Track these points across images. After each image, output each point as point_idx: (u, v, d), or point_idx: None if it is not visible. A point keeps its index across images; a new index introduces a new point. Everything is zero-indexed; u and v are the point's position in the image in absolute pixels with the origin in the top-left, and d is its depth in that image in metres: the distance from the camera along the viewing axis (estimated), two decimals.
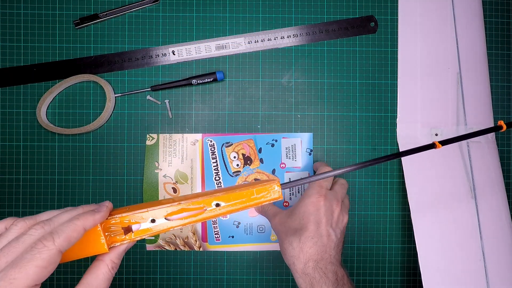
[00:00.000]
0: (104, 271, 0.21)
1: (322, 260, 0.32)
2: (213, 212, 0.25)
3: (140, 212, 0.23)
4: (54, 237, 0.18)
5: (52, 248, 0.17)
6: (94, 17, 0.43)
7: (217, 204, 0.24)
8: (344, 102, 0.45)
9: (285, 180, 0.44)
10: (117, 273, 0.44)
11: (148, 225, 0.23)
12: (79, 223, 0.19)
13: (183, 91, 0.45)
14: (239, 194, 0.25)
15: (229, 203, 0.25)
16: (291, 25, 0.45)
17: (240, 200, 0.25)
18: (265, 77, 0.45)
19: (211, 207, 0.24)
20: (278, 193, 0.26)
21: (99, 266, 0.21)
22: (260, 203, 0.26)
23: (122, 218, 0.23)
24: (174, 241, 0.44)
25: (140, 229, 0.23)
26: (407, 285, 0.45)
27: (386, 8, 0.45)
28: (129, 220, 0.23)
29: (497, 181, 0.44)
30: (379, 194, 0.45)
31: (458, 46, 0.45)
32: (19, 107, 0.44)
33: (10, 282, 0.16)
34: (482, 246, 0.42)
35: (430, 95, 0.45)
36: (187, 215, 0.24)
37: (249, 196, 0.25)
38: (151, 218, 0.23)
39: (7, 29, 0.44)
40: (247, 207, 0.25)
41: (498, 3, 0.46)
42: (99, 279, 0.20)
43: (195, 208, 0.24)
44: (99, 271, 0.21)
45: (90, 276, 0.20)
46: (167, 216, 0.24)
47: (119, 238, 0.23)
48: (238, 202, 0.25)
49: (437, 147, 0.31)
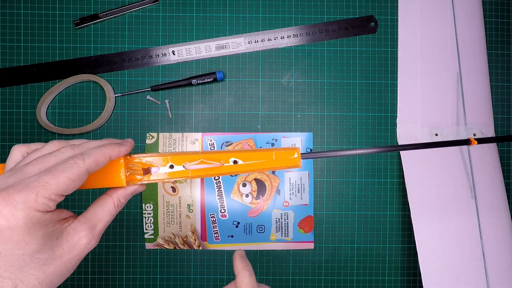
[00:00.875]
0: (110, 206, 0.22)
1: None
2: (230, 168, 0.25)
3: (162, 156, 0.24)
4: (84, 157, 0.20)
5: (82, 166, 0.19)
6: (94, 17, 0.44)
7: (235, 161, 0.25)
8: (344, 102, 0.45)
9: (285, 180, 0.44)
10: (117, 272, 0.44)
11: (166, 170, 0.24)
12: (106, 151, 0.21)
13: (183, 91, 0.45)
14: (258, 155, 0.25)
15: (247, 162, 0.25)
16: (291, 25, 0.45)
17: (258, 161, 0.25)
18: (265, 77, 0.45)
19: (229, 163, 0.25)
20: (296, 160, 0.25)
21: (106, 200, 0.22)
22: (277, 167, 0.25)
23: (143, 158, 0.24)
24: (173, 240, 0.44)
25: (158, 172, 0.24)
26: (407, 285, 0.45)
27: (386, 8, 0.45)
28: (150, 162, 0.24)
29: (497, 181, 0.44)
30: (379, 194, 0.45)
31: (458, 46, 0.45)
32: (19, 107, 0.44)
33: (43, 185, 0.17)
34: (482, 246, 0.42)
35: (430, 95, 0.45)
36: (205, 167, 0.25)
37: (268, 159, 0.25)
38: (170, 164, 0.24)
39: (7, 29, 0.44)
40: (264, 169, 0.25)
41: (498, 3, 0.46)
42: (104, 211, 0.22)
43: (213, 163, 0.25)
44: (106, 204, 0.22)
45: (97, 207, 0.22)
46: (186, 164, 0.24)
47: (138, 177, 0.24)
48: (255, 163, 0.25)
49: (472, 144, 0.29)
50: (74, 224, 0.20)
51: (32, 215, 0.17)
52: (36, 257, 0.18)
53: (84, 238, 0.20)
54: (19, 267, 0.17)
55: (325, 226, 0.45)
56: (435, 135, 0.45)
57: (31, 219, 0.17)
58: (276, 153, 0.25)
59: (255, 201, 0.44)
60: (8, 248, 0.17)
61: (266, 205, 0.44)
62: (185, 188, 0.44)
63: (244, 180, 0.44)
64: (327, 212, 0.45)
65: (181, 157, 0.24)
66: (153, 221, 0.44)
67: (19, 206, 0.16)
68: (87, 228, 0.20)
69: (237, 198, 0.44)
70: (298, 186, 0.45)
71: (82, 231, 0.20)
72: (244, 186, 0.44)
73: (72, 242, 0.19)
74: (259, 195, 0.44)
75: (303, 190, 0.45)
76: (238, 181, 0.44)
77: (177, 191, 0.44)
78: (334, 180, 0.45)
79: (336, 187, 0.45)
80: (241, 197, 0.44)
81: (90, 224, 0.20)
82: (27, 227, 0.17)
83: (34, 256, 0.17)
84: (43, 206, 0.17)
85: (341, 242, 0.45)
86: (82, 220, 0.20)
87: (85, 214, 0.21)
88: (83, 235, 0.20)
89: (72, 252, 0.19)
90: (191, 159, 0.24)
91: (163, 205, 0.44)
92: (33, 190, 0.17)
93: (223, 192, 0.44)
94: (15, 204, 0.16)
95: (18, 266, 0.17)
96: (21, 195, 0.17)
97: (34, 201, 0.17)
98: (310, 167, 0.45)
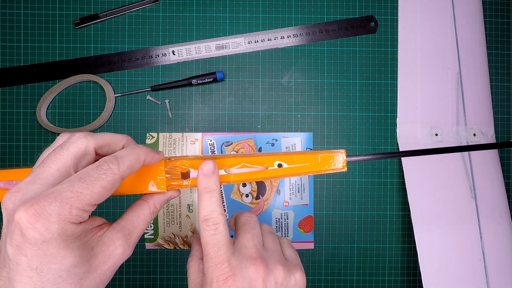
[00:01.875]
0: (146, 212, 0.21)
1: None
2: (275, 172, 0.24)
3: (203, 159, 0.23)
4: (119, 162, 0.18)
5: (117, 172, 0.18)
6: (94, 17, 0.44)
7: (279, 164, 0.24)
8: (344, 102, 0.45)
9: (285, 180, 0.44)
10: (117, 272, 0.44)
11: None
12: (142, 153, 0.20)
13: (183, 91, 0.45)
14: (303, 157, 0.24)
15: (292, 166, 0.24)
16: (291, 25, 0.45)
17: (303, 165, 0.24)
18: (265, 77, 0.45)
19: (273, 166, 0.24)
20: (342, 163, 0.24)
21: (142, 206, 0.21)
22: (323, 171, 0.24)
23: (182, 162, 0.22)
24: (173, 240, 0.44)
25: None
26: (407, 285, 0.45)
27: (386, 8, 0.45)
28: (189, 165, 0.22)
29: (497, 181, 0.44)
30: (379, 194, 0.45)
31: (458, 46, 0.45)
32: (19, 107, 0.44)
33: (77, 195, 0.16)
34: (482, 246, 0.42)
35: (430, 95, 0.45)
36: (247, 171, 0.23)
37: (313, 162, 0.24)
38: None
39: (7, 29, 0.44)
40: (309, 173, 0.24)
41: (498, 3, 0.46)
42: (140, 218, 0.20)
43: (256, 165, 0.23)
44: (141, 211, 0.21)
45: (133, 214, 0.20)
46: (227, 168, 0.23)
47: (176, 183, 0.22)
48: (301, 167, 0.24)
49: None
50: (109, 232, 0.19)
51: (66, 227, 0.16)
52: (73, 272, 0.16)
53: (120, 248, 0.19)
54: (56, 283, 0.16)
55: (325, 226, 0.45)
56: (435, 135, 0.45)
57: (66, 232, 0.16)
58: (322, 156, 0.24)
59: (255, 201, 0.44)
60: (44, 262, 0.16)
61: (266, 205, 0.44)
62: (185, 189, 0.44)
63: None
64: (327, 212, 0.45)
65: (222, 161, 0.23)
66: (153, 221, 0.44)
67: (52, 219, 0.15)
68: (123, 237, 0.19)
69: (237, 198, 0.44)
70: (298, 186, 0.45)
71: (117, 240, 0.19)
72: (244, 186, 0.44)
73: (108, 252, 0.18)
74: (259, 195, 0.44)
75: (303, 190, 0.45)
76: None
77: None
78: (334, 180, 0.45)
79: (336, 187, 0.45)
80: (241, 197, 0.44)
81: (126, 233, 0.19)
82: (62, 240, 0.16)
83: (72, 271, 0.16)
84: (77, 218, 0.16)
85: (341, 242, 0.45)
86: (117, 228, 0.19)
87: (119, 221, 0.20)
88: (119, 245, 0.19)
89: (107, 263, 0.18)
90: (233, 162, 0.23)
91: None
92: (67, 202, 0.16)
93: (223, 192, 0.44)
94: (48, 216, 0.15)
95: (55, 282, 0.16)
96: (54, 207, 0.15)
97: (68, 213, 0.16)
98: None
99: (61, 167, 0.18)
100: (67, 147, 0.18)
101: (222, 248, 0.21)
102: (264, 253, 0.22)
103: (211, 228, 0.21)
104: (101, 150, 0.20)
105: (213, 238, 0.21)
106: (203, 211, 0.22)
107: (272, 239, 0.24)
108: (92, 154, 0.19)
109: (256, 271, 0.21)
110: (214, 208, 0.22)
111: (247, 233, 0.23)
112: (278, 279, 0.22)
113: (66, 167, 0.18)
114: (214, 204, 0.22)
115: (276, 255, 0.23)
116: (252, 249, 0.22)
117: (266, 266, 0.21)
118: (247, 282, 0.21)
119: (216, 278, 0.21)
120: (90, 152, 0.19)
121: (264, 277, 0.21)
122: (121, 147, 0.21)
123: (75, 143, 0.19)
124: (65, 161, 0.18)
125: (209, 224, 0.21)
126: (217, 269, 0.21)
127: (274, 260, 0.22)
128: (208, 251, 0.21)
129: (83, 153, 0.19)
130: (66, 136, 0.20)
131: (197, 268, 0.24)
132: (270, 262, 0.22)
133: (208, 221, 0.21)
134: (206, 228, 0.21)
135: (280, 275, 0.22)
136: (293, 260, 0.24)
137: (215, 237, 0.21)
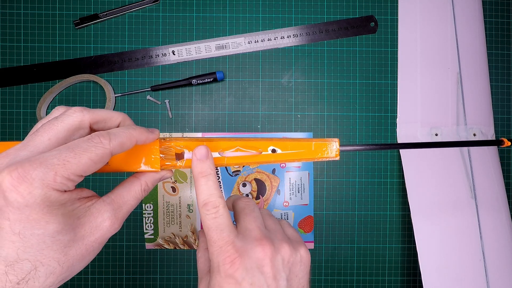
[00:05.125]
0: (137, 189, 0.21)
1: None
2: (268, 157, 0.24)
3: (197, 141, 0.23)
4: (111, 137, 0.18)
5: (107, 147, 0.18)
6: (94, 17, 0.44)
7: (273, 150, 0.24)
8: (344, 102, 0.45)
9: (285, 180, 0.44)
10: (117, 272, 0.44)
11: None
12: (135, 134, 0.20)
13: (183, 91, 0.45)
14: (297, 144, 0.24)
15: (285, 152, 0.24)
16: (291, 25, 0.45)
17: (297, 151, 0.24)
18: (265, 77, 0.45)
19: (267, 151, 0.24)
20: (336, 152, 0.24)
21: (133, 183, 0.21)
22: (316, 158, 0.24)
23: (177, 143, 0.22)
24: (173, 240, 0.44)
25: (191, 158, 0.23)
26: (407, 285, 0.45)
27: (386, 8, 0.45)
28: (183, 147, 0.23)
29: (497, 181, 0.44)
30: (379, 194, 0.45)
31: (458, 46, 0.45)
32: (19, 107, 0.44)
33: (63, 163, 0.16)
34: (482, 246, 0.42)
35: (430, 95, 0.45)
36: (242, 155, 0.24)
37: (307, 149, 0.24)
38: None
39: (7, 29, 0.44)
40: (303, 159, 0.24)
41: (498, 3, 0.46)
42: (130, 194, 0.20)
43: (250, 151, 0.24)
44: (132, 187, 0.21)
45: (123, 189, 0.20)
46: (221, 151, 0.23)
47: (170, 163, 0.22)
48: (294, 153, 0.24)
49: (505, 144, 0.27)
50: (98, 204, 0.18)
51: (50, 193, 0.16)
52: (57, 238, 0.16)
53: (108, 220, 0.18)
54: (40, 248, 0.16)
55: (325, 226, 0.45)
56: (435, 135, 0.45)
57: (49, 198, 0.16)
58: (316, 143, 0.24)
59: (255, 201, 0.44)
60: (27, 227, 0.15)
61: (266, 205, 0.44)
62: (185, 188, 0.44)
63: (244, 180, 0.44)
64: (327, 212, 0.45)
65: (217, 143, 0.23)
66: (153, 221, 0.44)
67: (36, 183, 0.15)
68: (111, 210, 0.19)
69: None
70: (298, 186, 0.45)
71: (106, 212, 0.18)
72: (244, 186, 0.44)
73: (95, 223, 0.18)
74: (259, 195, 0.44)
75: (303, 190, 0.45)
76: (238, 181, 0.44)
77: (177, 191, 0.44)
78: (334, 180, 0.45)
79: (336, 187, 0.45)
80: None
81: (115, 206, 0.19)
82: (45, 205, 0.16)
83: (56, 237, 0.16)
84: (61, 186, 0.16)
85: (341, 242, 0.45)
86: (106, 200, 0.19)
87: (110, 194, 0.20)
88: (107, 217, 0.18)
89: (94, 234, 0.18)
90: (227, 146, 0.23)
91: (163, 205, 0.44)
92: (52, 168, 0.16)
93: (223, 192, 0.44)
94: (31, 181, 0.15)
95: (38, 248, 0.16)
96: (38, 171, 0.15)
97: (53, 180, 0.16)
98: (310, 167, 0.45)
99: (52, 137, 0.18)
100: (62, 119, 0.19)
101: (225, 231, 0.21)
102: (268, 233, 0.22)
103: (211, 212, 0.21)
104: (96, 125, 0.20)
105: (215, 221, 0.21)
106: (201, 196, 0.22)
107: (272, 221, 0.25)
108: (86, 129, 0.20)
109: (263, 250, 0.21)
110: (211, 192, 0.22)
111: (248, 216, 0.23)
112: (284, 257, 0.22)
113: (58, 138, 0.18)
114: (212, 188, 0.22)
115: (279, 234, 0.23)
116: (255, 230, 0.22)
117: (272, 245, 0.21)
118: (254, 262, 0.20)
119: (222, 261, 0.20)
120: (84, 126, 0.19)
121: (272, 256, 0.21)
122: (116, 124, 0.21)
123: (70, 116, 0.19)
124: (58, 132, 0.18)
125: (209, 208, 0.21)
126: (222, 252, 0.21)
127: (278, 239, 0.22)
128: (211, 235, 0.21)
129: (78, 127, 0.19)
130: (62, 109, 0.20)
131: (204, 258, 0.24)
132: (276, 241, 0.22)
133: (208, 205, 0.21)
134: (206, 213, 0.21)
135: (286, 252, 0.22)
136: (296, 238, 0.24)
137: (217, 220, 0.21)
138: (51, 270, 0.16)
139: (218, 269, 0.20)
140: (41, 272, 0.16)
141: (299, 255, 0.22)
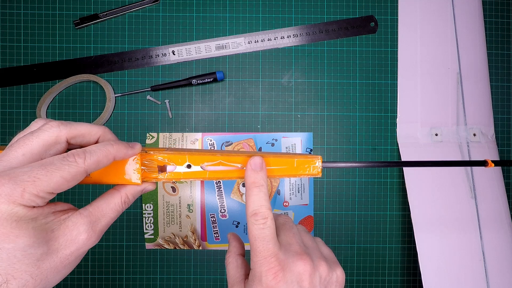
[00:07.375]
0: (117, 201, 0.21)
1: None
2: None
3: (180, 154, 0.22)
4: (86, 156, 0.18)
5: (82, 166, 0.18)
6: (94, 17, 0.44)
7: None
8: (344, 102, 0.45)
9: (285, 180, 0.44)
10: (117, 272, 0.44)
11: (183, 169, 0.23)
12: (112, 151, 0.20)
13: (183, 91, 0.45)
14: (279, 160, 0.24)
15: (268, 168, 0.24)
16: (291, 25, 0.45)
17: (279, 167, 0.24)
18: (265, 77, 0.45)
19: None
20: (318, 169, 0.24)
21: (113, 195, 0.21)
22: (298, 175, 0.24)
23: (160, 155, 0.22)
24: (173, 240, 0.44)
25: (174, 171, 0.23)
26: (407, 285, 0.45)
27: (386, 8, 0.45)
28: (166, 159, 0.22)
29: (497, 181, 0.44)
30: (379, 194, 0.45)
31: (458, 46, 0.45)
32: (19, 107, 0.44)
33: (33, 180, 0.16)
34: (482, 246, 0.42)
35: (430, 95, 0.45)
36: (224, 169, 0.23)
37: (289, 165, 0.24)
38: (187, 163, 0.23)
39: (7, 29, 0.44)
40: (284, 175, 0.24)
41: (498, 3, 0.46)
42: (109, 206, 0.20)
43: (233, 165, 0.23)
44: (112, 199, 0.21)
45: (103, 201, 0.20)
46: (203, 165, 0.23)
47: (152, 175, 0.22)
48: (276, 169, 0.24)
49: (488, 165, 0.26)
50: (74, 217, 0.18)
51: (16, 209, 0.16)
52: (29, 252, 0.16)
53: (84, 233, 0.18)
54: (10, 262, 0.16)
55: (325, 226, 0.45)
56: (435, 135, 0.45)
57: (16, 213, 0.16)
58: (298, 160, 0.24)
59: None
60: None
61: None
62: (185, 188, 0.44)
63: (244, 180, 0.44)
64: (327, 212, 0.45)
65: (199, 157, 0.23)
66: (153, 221, 0.44)
67: (1, 199, 0.15)
68: (88, 223, 0.18)
69: (237, 198, 0.44)
70: (298, 186, 0.45)
71: (82, 225, 0.18)
72: (244, 186, 0.44)
73: (70, 236, 0.18)
74: None
75: (303, 190, 0.45)
76: (238, 181, 0.44)
77: (177, 191, 0.44)
78: (334, 180, 0.45)
79: (336, 187, 0.45)
80: (241, 197, 0.44)
81: (92, 219, 0.19)
82: (13, 220, 0.16)
83: (27, 251, 0.16)
84: (30, 202, 0.16)
85: (341, 242, 0.45)
86: (83, 213, 0.19)
87: (88, 207, 0.19)
88: (83, 230, 0.18)
89: (70, 247, 0.18)
90: (209, 159, 0.23)
91: (163, 205, 0.44)
92: (21, 185, 0.16)
93: (223, 192, 0.44)
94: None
95: (9, 262, 0.16)
96: (6, 187, 0.15)
97: (20, 196, 0.16)
98: None
99: (27, 152, 0.18)
100: (38, 134, 0.18)
101: (271, 242, 0.21)
102: (307, 250, 0.23)
103: (260, 223, 0.22)
104: (74, 140, 0.20)
105: (262, 232, 0.21)
106: (252, 205, 0.22)
107: (309, 238, 0.25)
108: (63, 143, 0.19)
109: (304, 265, 0.21)
110: (262, 203, 0.22)
111: (289, 231, 0.24)
112: (322, 275, 0.22)
113: (33, 153, 0.18)
114: (262, 199, 0.22)
115: (317, 251, 0.23)
116: (296, 245, 0.22)
117: (312, 262, 0.22)
118: (295, 276, 0.21)
119: (265, 272, 0.21)
120: (61, 141, 0.19)
121: (311, 272, 0.21)
122: (95, 138, 0.21)
123: (46, 132, 0.19)
124: (33, 148, 0.18)
125: (258, 219, 0.22)
126: (266, 263, 0.21)
127: (317, 256, 0.23)
128: (256, 245, 0.21)
129: (54, 142, 0.19)
130: (40, 122, 0.20)
131: (235, 263, 0.24)
132: (314, 258, 0.22)
133: (257, 215, 0.22)
134: (254, 223, 0.22)
135: (324, 271, 0.22)
136: (332, 258, 0.24)
137: (264, 231, 0.21)
138: (23, 283, 0.16)
139: (260, 279, 0.21)
140: (12, 285, 0.16)
141: (335, 275, 0.23)
